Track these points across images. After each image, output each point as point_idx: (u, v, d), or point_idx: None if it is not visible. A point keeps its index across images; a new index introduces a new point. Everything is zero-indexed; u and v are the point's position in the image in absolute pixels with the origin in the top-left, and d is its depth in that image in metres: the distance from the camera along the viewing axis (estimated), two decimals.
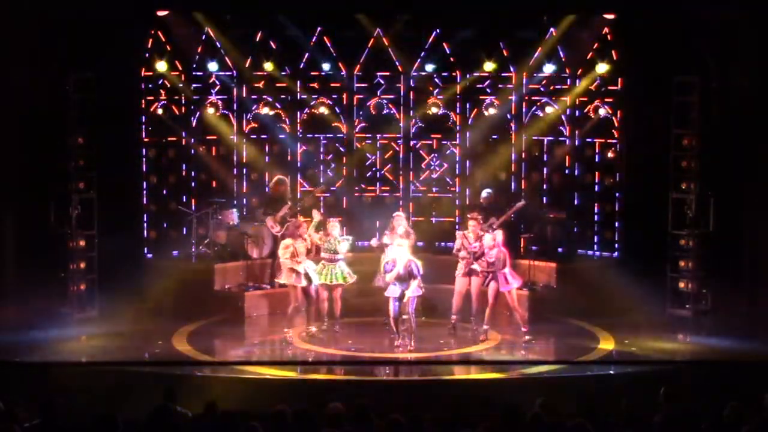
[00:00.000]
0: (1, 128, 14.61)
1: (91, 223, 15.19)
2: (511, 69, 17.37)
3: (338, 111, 17.75)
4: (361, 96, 17.85)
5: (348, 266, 14.66)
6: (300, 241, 14.23)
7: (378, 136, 17.97)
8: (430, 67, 17.32)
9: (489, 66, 16.90)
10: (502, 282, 14.10)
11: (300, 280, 14.14)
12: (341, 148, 17.95)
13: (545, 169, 17.69)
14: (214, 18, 16.50)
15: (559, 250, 16.90)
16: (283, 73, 17.36)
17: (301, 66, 17.47)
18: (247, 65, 17.22)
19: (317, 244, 14.48)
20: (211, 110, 17.21)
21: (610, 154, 17.14)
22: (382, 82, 17.80)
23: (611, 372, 13.04)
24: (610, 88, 16.93)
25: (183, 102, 17.13)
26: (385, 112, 17.87)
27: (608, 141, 17.13)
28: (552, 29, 16.69)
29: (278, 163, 17.71)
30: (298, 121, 17.87)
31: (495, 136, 17.70)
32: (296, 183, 17.74)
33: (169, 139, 17.09)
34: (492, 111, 17.50)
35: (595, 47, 16.66)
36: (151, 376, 11.95)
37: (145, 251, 16.64)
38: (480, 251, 14.26)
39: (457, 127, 17.92)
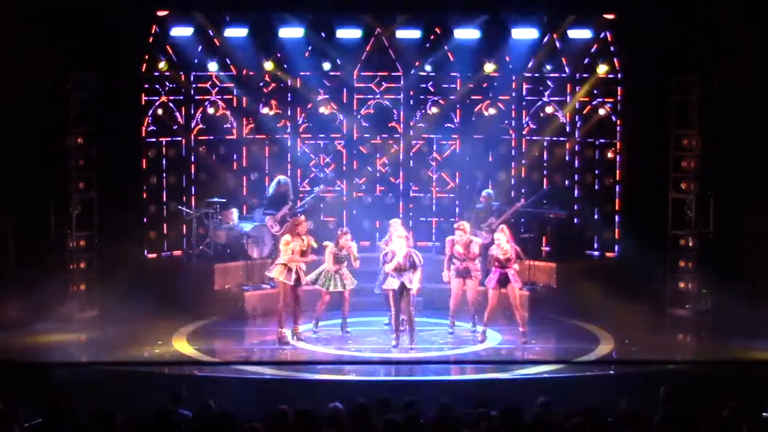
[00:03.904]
0: (1, 128, 14.61)
1: (91, 223, 15.19)
2: (511, 69, 17.38)
3: (338, 111, 17.78)
4: (362, 96, 17.88)
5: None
6: (297, 241, 14.19)
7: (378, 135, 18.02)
8: (430, 67, 17.32)
9: (489, 66, 16.92)
10: (513, 279, 14.05)
11: (290, 278, 14.11)
12: (342, 149, 17.97)
13: (545, 170, 17.71)
14: (214, 17, 16.49)
15: (560, 250, 16.92)
16: (282, 72, 17.41)
17: (302, 66, 17.50)
18: (247, 64, 17.22)
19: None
20: (211, 110, 17.22)
21: (610, 154, 17.15)
22: (382, 82, 17.82)
23: (611, 372, 13.04)
24: (610, 88, 16.94)
25: (183, 102, 17.13)
26: (384, 112, 17.89)
27: (608, 141, 17.14)
28: (552, 29, 16.69)
29: (278, 162, 17.74)
30: (299, 120, 17.91)
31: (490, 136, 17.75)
32: (296, 183, 17.75)
33: (169, 139, 17.11)
34: (492, 111, 17.51)
35: (595, 47, 16.68)
36: (151, 376, 11.96)
37: (145, 251, 16.64)
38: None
39: (457, 127, 17.93)
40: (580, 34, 16.48)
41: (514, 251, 14.12)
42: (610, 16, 16.18)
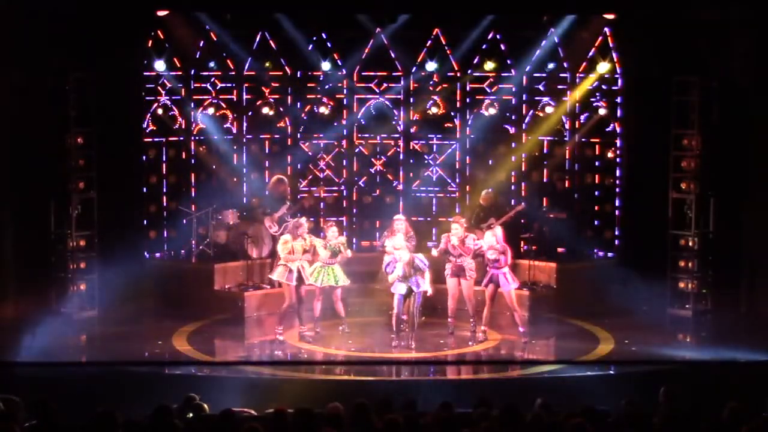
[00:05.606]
0: (1, 128, 14.60)
1: (91, 223, 15.18)
2: (512, 69, 17.36)
3: (338, 111, 17.78)
4: (361, 96, 17.88)
5: (345, 266, 14.62)
6: (299, 240, 14.22)
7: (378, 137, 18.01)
8: (430, 67, 17.32)
9: (489, 65, 16.93)
10: (503, 282, 14.07)
11: (292, 279, 14.15)
12: (341, 149, 17.96)
13: (545, 170, 17.70)
14: (214, 18, 16.50)
15: (560, 250, 16.91)
16: (281, 72, 17.40)
17: (301, 66, 17.49)
18: (246, 65, 17.22)
19: (315, 246, 14.43)
20: (210, 110, 17.23)
21: (610, 154, 17.15)
22: (382, 82, 17.81)
23: (611, 372, 13.04)
24: (610, 87, 16.94)
25: (183, 102, 17.13)
26: (384, 112, 17.89)
27: (608, 141, 17.14)
28: (552, 29, 16.70)
29: (277, 162, 17.75)
30: (298, 120, 17.91)
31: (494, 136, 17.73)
32: (296, 183, 17.75)
33: (169, 139, 17.12)
34: (492, 111, 17.49)
35: (595, 47, 16.68)
36: (151, 376, 11.95)
37: (145, 251, 16.63)
38: (479, 251, 14.21)
39: (457, 127, 17.93)
40: (580, 33, 16.48)
41: (500, 252, 14.08)
42: (610, 16, 16.18)
